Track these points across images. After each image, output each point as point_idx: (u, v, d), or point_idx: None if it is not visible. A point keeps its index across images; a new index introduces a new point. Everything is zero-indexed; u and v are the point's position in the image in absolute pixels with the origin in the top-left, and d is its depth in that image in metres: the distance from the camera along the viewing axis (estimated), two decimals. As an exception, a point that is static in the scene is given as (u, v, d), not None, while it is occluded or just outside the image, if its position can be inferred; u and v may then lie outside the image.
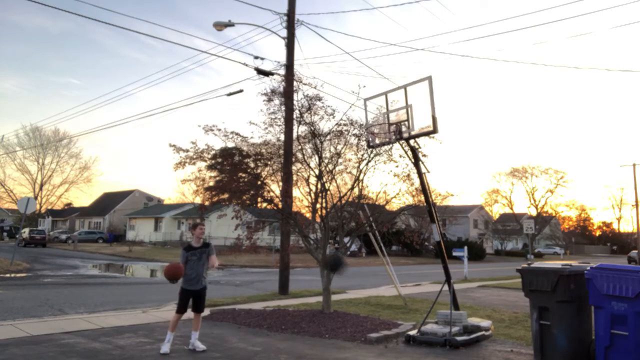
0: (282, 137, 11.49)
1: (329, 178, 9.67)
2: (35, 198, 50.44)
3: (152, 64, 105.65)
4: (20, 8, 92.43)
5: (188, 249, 6.56)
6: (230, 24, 13.38)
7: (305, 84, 9.66)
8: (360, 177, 9.42)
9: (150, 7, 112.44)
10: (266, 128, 10.14)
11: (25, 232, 41.10)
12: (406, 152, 8.64)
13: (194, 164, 9.83)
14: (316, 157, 9.68)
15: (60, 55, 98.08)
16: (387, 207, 10.68)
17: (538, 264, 6.37)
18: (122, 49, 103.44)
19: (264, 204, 10.53)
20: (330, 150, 9.61)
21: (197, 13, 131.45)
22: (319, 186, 9.62)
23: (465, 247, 20.99)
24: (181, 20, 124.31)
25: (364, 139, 9.29)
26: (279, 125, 10.68)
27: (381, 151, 9.17)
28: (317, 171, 9.67)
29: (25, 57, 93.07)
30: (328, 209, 9.60)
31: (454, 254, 20.44)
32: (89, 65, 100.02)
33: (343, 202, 9.71)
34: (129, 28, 63.76)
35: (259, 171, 10.21)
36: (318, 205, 9.71)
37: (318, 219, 10.14)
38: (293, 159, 10.80)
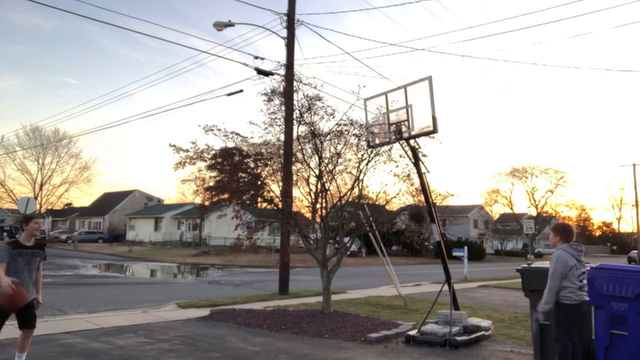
0: (282, 137, 11.50)
1: (329, 178, 9.66)
2: (35, 198, 50.41)
3: (150, 64, 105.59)
4: (17, 7, 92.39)
5: (15, 246, 5.02)
6: (230, 24, 13.39)
7: (305, 84, 9.67)
8: (360, 177, 9.42)
9: (148, 7, 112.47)
10: (266, 128, 10.15)
11: (25, 232, 41.01)
12: (406, 152, 8.64)
13: (194, 164, 9.83)
14: (316, 157, 9.68)
15: (57, 54, 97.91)
16: (387, 207, 10.67)
17: (538, 264, 6.36)
18: (120, 49, 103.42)
19: (264, 204, 10.54)
20: (330, 150, 9.61)
21: (196, 13, 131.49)
22: (319, 186, 9.62)
23: (465, 247, 20.99)
24: (180, 20, 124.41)
25: (364, 139, 9.28)
26: (279, 125, 10.68)
27: (381, 151, 9.17)
28: (317, 171, 9.66)
29: (22, 57, 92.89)
30: (328, 209, 9.60)
31: (454, 254, 20.43)
32: (86, 65, 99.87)
33: (343, 202, 9.71)
34: (127, 27, 63.75)
35: (259, 171, 10.21)
36: (318, 205, 9.71)
37: (318, 219, 10.13)
38: (293, 159, 10.80)
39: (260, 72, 12.80)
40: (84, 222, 63.87)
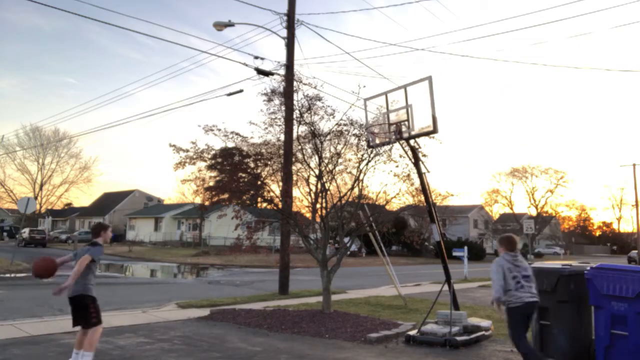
0: (282, 137, 11.49)
1: (329, 178, 9.66)
2: (35, 198, 50.39)
3: (149, 64, 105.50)
4: (16, 7, 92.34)
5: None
6: (230, 24, 13.39)
7: (305, 84, 9.66)
8: (360, 177, 9.41)
9: (147, 7, 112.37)
10: (266, 128, 10.14)
11: (25, 232, 41.07)
12: (406, 152, 8.64)
13: (194, 164, 9.83)
14: (316, 157, 9.67)
15: (56, 54, 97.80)
16: (387, 207, 10.67)
17: (538, 264, 6.37)
18: (119, 49, 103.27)
19: (264, 204, 10.53)
20: (330, 150, 9.61)
21: (195, 13, 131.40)
22: (319, 186, 9.61)
23: (465, 247, 20.98)
24: (179, 20, 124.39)
25: (364, 139, 9.28)
26: (279, 125, 10.68)
27: (381, 151, 9.16)
28: (317, 171, 9.66)
29: (22, 57, 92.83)
30: (328, 209, 9.59)
31: (454, 254, 20.43)
32: (85, 65, 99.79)
33: (343, 202, 9.71)
34: (126, 27, 63.75)
35: (259, 171, 10.20)
36: (318, 205, 9.70)
37: (318, 219, 10.13)
38: (293, 159, 10.79)
39: (260, 72, 12.80)
40: (84, 222, 63.81)
